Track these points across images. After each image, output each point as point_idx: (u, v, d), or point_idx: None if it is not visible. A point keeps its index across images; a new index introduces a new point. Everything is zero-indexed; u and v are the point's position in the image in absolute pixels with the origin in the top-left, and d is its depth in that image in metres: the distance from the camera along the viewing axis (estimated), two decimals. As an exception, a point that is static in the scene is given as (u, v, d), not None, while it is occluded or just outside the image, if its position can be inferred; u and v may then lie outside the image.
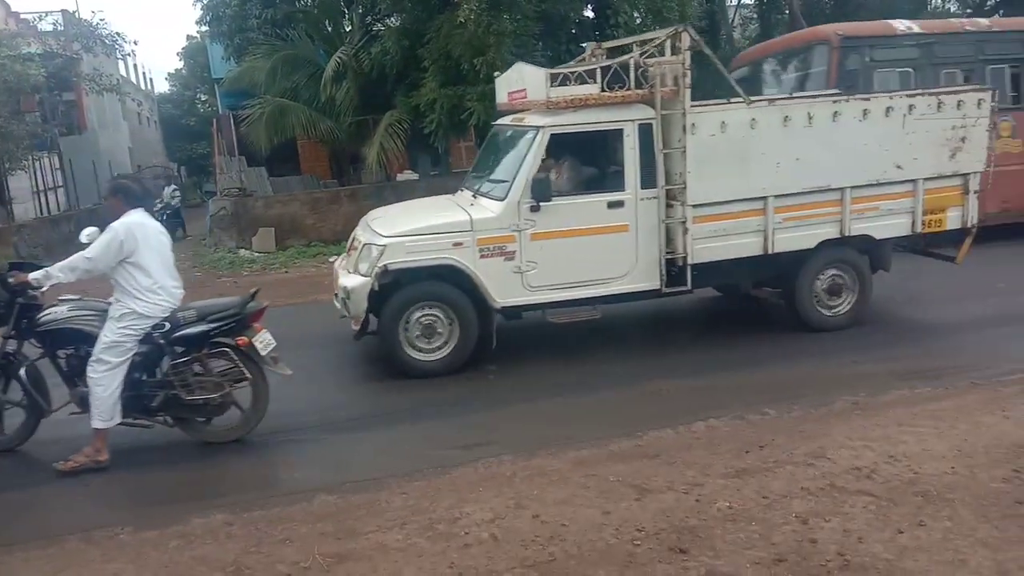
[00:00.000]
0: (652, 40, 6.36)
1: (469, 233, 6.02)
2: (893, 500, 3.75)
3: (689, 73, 6.07)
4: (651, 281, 6.35)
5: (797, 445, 4.43)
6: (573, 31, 15.26)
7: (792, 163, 6.28)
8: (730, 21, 21.74)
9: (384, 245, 5.99)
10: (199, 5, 18.79)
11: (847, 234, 6.56)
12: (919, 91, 6.79)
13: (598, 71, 6.24)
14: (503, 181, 6.25)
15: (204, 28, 20.31)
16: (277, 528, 3.93)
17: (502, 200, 6.12)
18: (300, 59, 16.68)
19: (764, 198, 6.31)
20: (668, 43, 6.21)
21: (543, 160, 6.16)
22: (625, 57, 6.32)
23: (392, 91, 15.54)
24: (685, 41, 6.06)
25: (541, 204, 6.00)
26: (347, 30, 17.97)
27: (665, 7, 13.25)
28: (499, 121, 7.18)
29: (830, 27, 10.46)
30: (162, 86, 45.05)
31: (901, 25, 10.26)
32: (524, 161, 6.12)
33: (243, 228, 14.35)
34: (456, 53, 13.45)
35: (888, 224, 6.70)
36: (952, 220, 6.85)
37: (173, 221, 18.39)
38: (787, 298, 6.83)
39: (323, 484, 4.42)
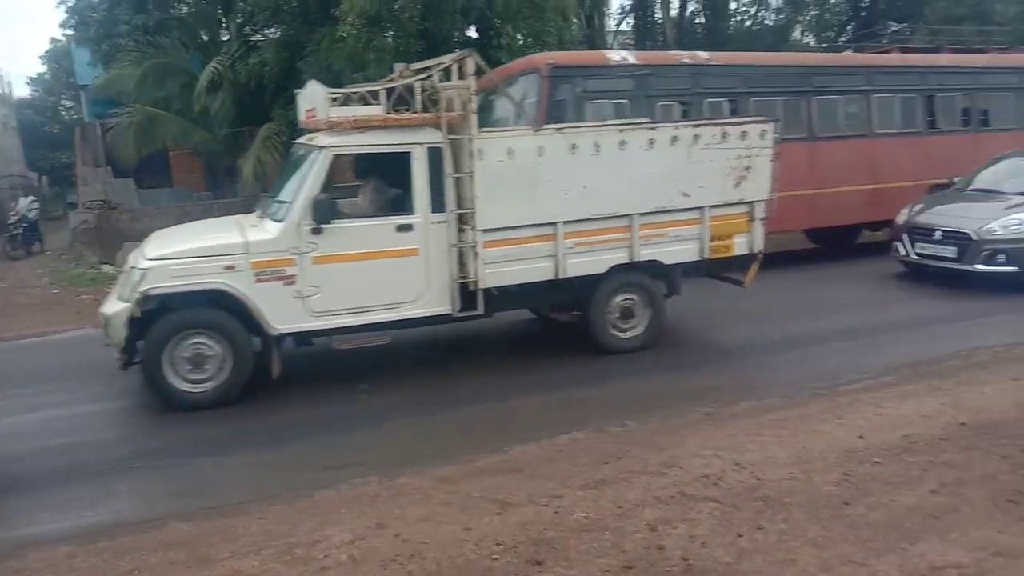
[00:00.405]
0: (439, 64, 6.32)
1: (242, 256, 5.75)
2: (736, 506, 3.97)
3: (475, 98, 6.08)
4: (443, 306, 6.28)
5: (652, 455, 4.62)
6: (456, 50, 15.42)
7: (580, 190, 6.38)
8: (608, 47, 22.52)
9: (146, 269, 5.66)
10: (64, 7, 17.84)
11: (637, 259, 6.71)
12: (704, 121, 7.08)
13: (382, 92, 6.17)
14: (287, 202, 6.04)
15: (69, 31, 19.28)
16: (125, 559, 3.75)
17: (281, 222, 5.91)
18: (173, 68, 16.10)
19: (554, 224, 6.38)
20: (456, 68, 6.16)
21: (326, 181, 5.98)
22: (410, 79, 6.29)
23: (270, 103, 15.22)
24: (470, 66, 6.07)
25: (323, 226, 5.82)
26: (224, 40, 17.50)
27: (544, 32, 13.59)
28: (298, 140, 6.96)
29: (541, 56, 10.19)
30: (22, 91, 42.12)
31: (616, 56, 10.17)
32: (306, 182, 5.93)
33: (107, 243, 13.61)
34: (337, 67, 13.33)
35: (677, 250, 6.88)
36: (739, 246, 7.10)
37: (30, 235, 17.22)
38: (583, 321, 6.92)
39: (175, 511, 4.26)
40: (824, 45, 22.11)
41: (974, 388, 5.59)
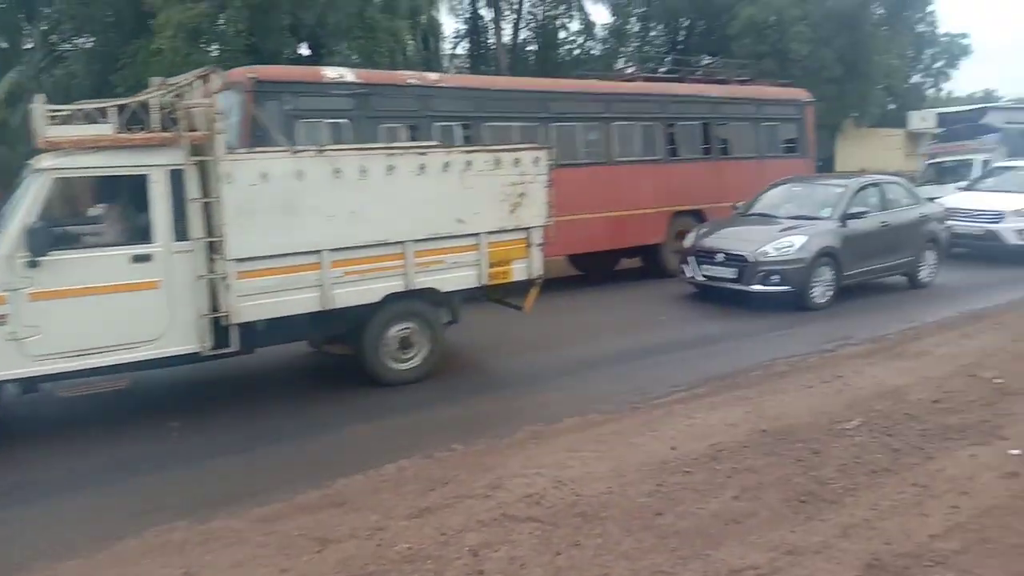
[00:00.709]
0: (181, 81, 5.98)
1: None
2: (556, 523, 4.05)
3: (220, 117, 5.71)
4: (190, 344, 5.75)
5: (478, 478, 4.63)
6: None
7: (347, 216, 6.09)
8: (444, 70, 22.77)
9: None
10: None
11: (412, 287, 6.52)
12: (477, 147, 7.10)
13: (111, 110, 5.78)
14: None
15: None
16: None
17: None
18: (-35, 77, 14.63)
19: (318, 251, 6.03)
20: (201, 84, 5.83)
21: (45, 207, 5.37)
22: (144, 96, 5.98)
23: (79, 119, 14.19)
24: (215, 83, 5.73)
25: (40, 259, 5.22)
26: (27, 48, 16.15)
27: (376, 52, 13.54)
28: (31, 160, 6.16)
29: (242, 70, 9.14)
30: None
31: (332, 72, 9.52)
32: (20, 209, 5.32)
33: None
34: (154, 82, 12.65)
35: (455, 277, 6.76)
36: (518, 272, 7.07)
37: None
38: (358, 353, 6.65)
39: (-55, 578, 3.79)
40: (644, 75, 23.55)
41: (774, 396, 6.07)
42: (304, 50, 16.66)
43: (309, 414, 6.14)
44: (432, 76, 10.54)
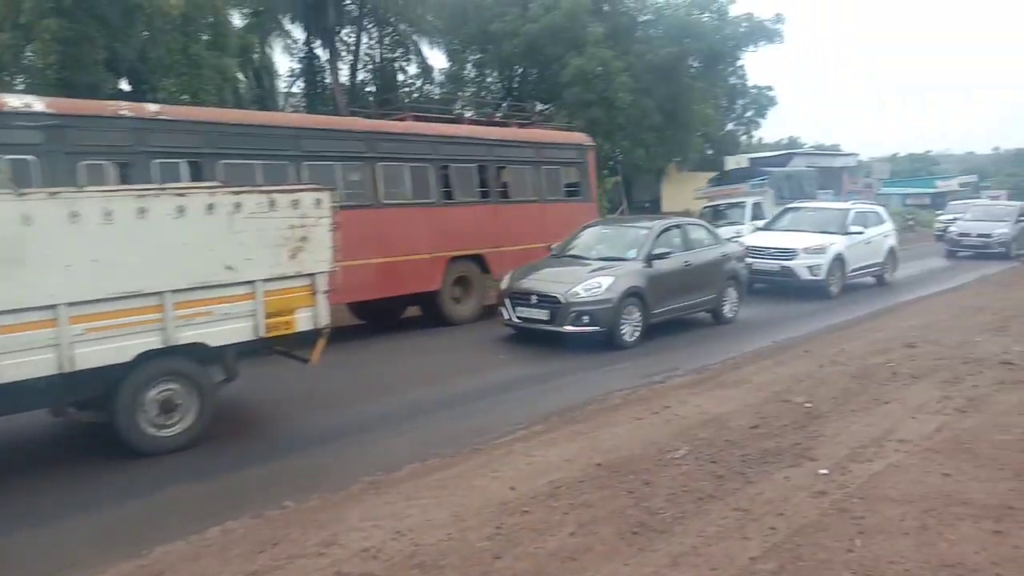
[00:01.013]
0: None
1: None
2: (393, 577, 3.93)
3: None
4: None
5: (311, 536, 4.41)
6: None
7: (89, 265, 5.45)
8: (280, 109, 22.24)
9: None
10: None
11: (173, 343, 5.90)
12: (247, 188, 6.58)
13: None
14: None
15: None
16: None
17: None
18: None
19: (54, 306, 5.33)
20: None
21: None
22: None
23: None
24: None
25: None
26: None
27: (202, 89, 12.99)
28: None
29: None
30: None
31: (15, 101, 8.24)
32: None
33: None
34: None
35: (226, 330, 6.19)
36: (302, 321, 6.60)
37: None
38: (111, 419, 5.91)
39: None
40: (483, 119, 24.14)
41: (608, 429, 6.25)
42: (125, 85, 15.76)
43: (118, 478, 5.64)
44: (151, 107, 9.51)
